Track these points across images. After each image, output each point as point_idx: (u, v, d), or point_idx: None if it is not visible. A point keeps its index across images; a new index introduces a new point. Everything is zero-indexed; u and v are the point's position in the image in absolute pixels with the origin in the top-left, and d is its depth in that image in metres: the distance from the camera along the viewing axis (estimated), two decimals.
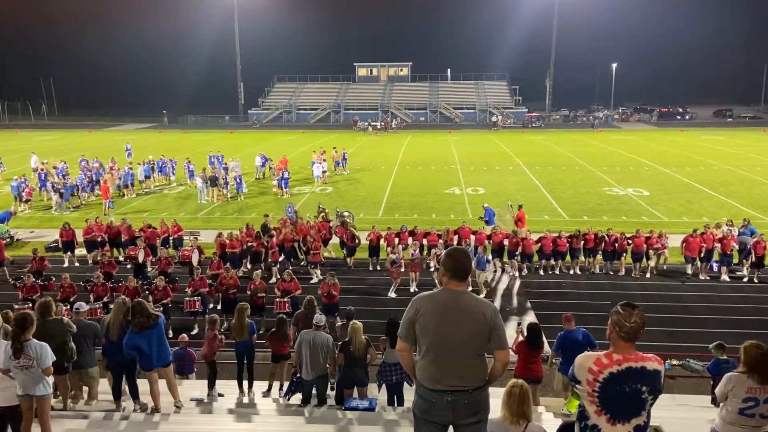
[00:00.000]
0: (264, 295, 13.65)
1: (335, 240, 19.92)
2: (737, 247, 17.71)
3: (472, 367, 4.11)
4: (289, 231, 18.35)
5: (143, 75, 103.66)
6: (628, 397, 3.63)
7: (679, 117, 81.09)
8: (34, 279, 14.36)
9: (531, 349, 9.15)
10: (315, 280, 17.07)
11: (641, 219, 23.96)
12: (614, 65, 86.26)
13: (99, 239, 19.03)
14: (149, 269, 16.84)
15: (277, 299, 13.46)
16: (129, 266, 17.23)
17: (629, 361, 3.63)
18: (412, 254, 16.85)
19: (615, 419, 3.67)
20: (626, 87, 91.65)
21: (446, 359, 4.08)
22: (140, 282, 14.70)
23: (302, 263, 18.31)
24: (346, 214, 21.99)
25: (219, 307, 14.51)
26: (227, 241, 17.48)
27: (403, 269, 16.75)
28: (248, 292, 13.66)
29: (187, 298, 13.77)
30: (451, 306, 4.09)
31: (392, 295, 16.39)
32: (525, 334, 9.38)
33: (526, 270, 18.05)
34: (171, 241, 19.48)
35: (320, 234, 18.59)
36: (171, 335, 12.18)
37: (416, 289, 16.61)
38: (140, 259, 15.84)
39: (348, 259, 18.77)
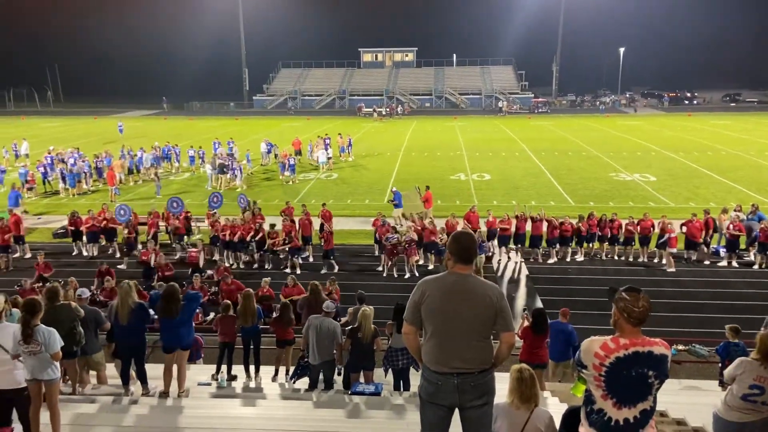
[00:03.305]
0: (271, 303, 13.29)
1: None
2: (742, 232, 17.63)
3: (478, 350, 4.12)
4: (240, 223, 18.11)
5: (148, 62, 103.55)
6: (635, 381, 3.62)
7: (687, 102, 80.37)
8: (40, 284, 14.29)
9: (536, 334, 9.16)
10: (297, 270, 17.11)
11: (648, 204, 23.83)
12: (622, 49, 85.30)
13: (102, 226, 19.06)
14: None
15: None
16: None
17: (636, 345, 3.62)
18: (407, 239, 16.84)
19: (621, 403, 3.67)
20: (634, 72, 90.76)
21: (452, 342, 4.09)
22: (146, 283, 14.51)
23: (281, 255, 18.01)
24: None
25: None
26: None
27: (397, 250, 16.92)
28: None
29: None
30: (457, 289, 4.09)
31: (378, 268, 17.24)
32: (530, 319, 9.38)
33: (517, 255, 18.01)
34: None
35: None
36: None
37: (416, 274, 16.73)
38: (152, 263, 15.86)
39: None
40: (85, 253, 19.16)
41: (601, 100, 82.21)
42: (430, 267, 17.34)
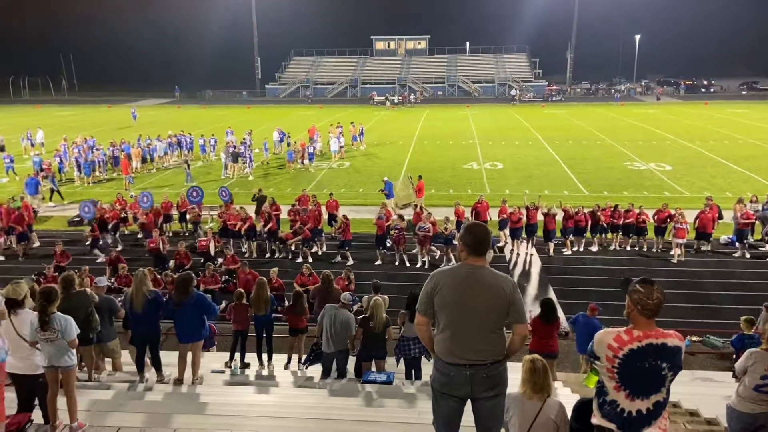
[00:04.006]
0: (280, 292, 13.22)
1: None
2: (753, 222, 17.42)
3: (491, 342, 4.12)
4: (233, 213, 18.15)
5: (161, 51, 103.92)
6: (648, 373, 3.61)
7: (703, 90, 79.25)
8: (56, 273, 14.45)
9: (545, 323, 9.13)
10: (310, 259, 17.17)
11: (663, 194, 23.59)
12: (637, 36, 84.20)
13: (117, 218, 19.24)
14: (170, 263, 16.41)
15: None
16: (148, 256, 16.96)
17: (650, 337, 3.60)
18: (421, 227, 16.77)
19: (634, 395, 3.66)
20: (650, 59, 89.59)
21: (465, 333, 4.09)
22: (160, 271, 14.64)
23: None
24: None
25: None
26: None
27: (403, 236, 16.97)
28: None
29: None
30: (470, 280, 4.09)
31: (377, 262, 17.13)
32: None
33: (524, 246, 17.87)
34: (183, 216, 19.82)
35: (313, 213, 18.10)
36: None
37: (426, 263, 16.74)
38: (162, 249, 15.98)
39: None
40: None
41: (616, 88, 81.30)
42: (378, 262, 17.18)
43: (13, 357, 5.85)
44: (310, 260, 16.92)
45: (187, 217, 19.72)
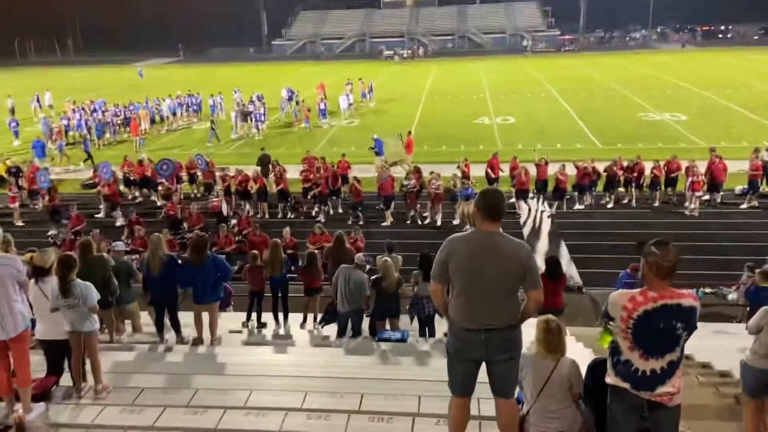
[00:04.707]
0: (294, 251, 13.24)
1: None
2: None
3: (505, 307, 4.14)
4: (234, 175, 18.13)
5: (165, 8, 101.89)
6: (663, 333, 3.63)
7: (720, 36, 76.90)
8: (73, 237, 14.63)
9: (550, 280, 9.11)
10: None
11: (678, 145, 23.23)
12: None
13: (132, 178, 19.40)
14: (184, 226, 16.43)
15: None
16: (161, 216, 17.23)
17: (665, 298, 3.60)
18: (434, 183, 16.71)
19: (648, 355, 3.69)
20: (665, 5, 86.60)
21: (479, 299, 4.10)
22: (175, 236, 14.79)
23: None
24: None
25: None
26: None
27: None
28: None
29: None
30: (485, 246, 4.08)
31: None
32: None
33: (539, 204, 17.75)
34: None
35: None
36: None
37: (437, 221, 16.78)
38: (178, 215, 16.11)
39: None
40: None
41: (631, 36, 79.15)
42: (386, 223, 17.11)
43: (43, 323, 6.01)
44: (323, 219, 16.99)
45: (159, 189, 19.30)
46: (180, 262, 8.44)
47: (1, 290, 5.12)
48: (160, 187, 18.94)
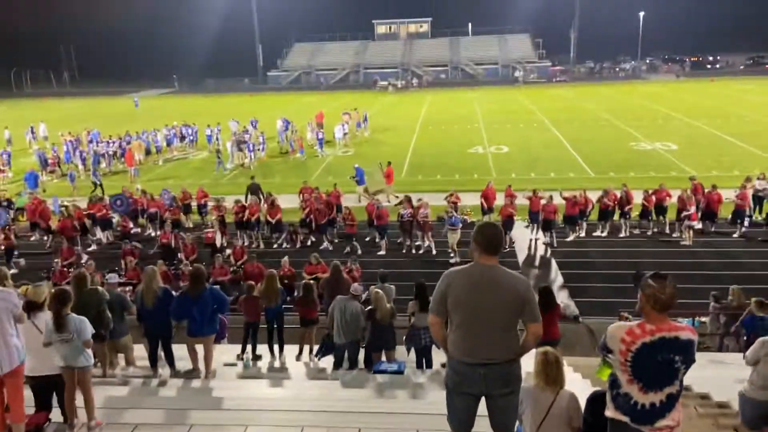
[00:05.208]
0: (291, 281, 13.24)
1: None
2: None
3: (504, 341, 4.13)
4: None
5: (161, 39, 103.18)
6: (661, 366, 3.62)
7: (709, 66, 78.37)
8: (64, 269, 14.54)
9: (544, 311, 9.07)
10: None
11: (670, 174, 23.46)
12: (642, 13, 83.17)
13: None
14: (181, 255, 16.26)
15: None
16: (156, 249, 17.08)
17: (662, 331, 3.61)
18: (421, 212, 16.75)
19: (647, 388, 3.68)
20: (654, 36, 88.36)
21: (478, 333, 4.10)
22: (169, 267, 14.66)
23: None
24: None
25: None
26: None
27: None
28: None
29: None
30: (483, 280, 4.08)
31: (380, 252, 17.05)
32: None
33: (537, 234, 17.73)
34: (197, 208, 19.83)
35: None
36: None
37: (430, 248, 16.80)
38: (172, 244, 16.05)
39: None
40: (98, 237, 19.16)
41: (621, 67, 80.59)
42: (382, 252, 17.04)
43: (33, 358, 5.91)
44: (330, 248, 17.08)
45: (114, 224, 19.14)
46: (176, 293, 8.39)
47: None
48: (167, 214, 18.78)
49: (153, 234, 18.77)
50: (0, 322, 5.09)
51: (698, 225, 17.07)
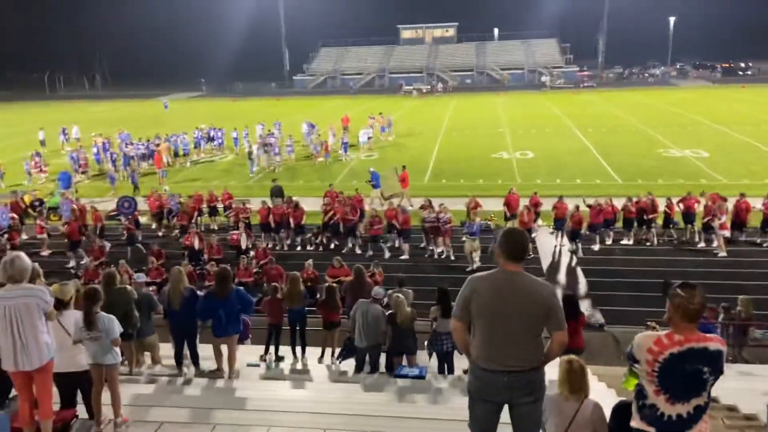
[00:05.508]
0: (314, 284, 13.16)
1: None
2: None
3: (529, 348, 4.10)
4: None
5: (189, 44, 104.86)
6: (689, 377, 3.56)
7: (740, 72, 76.79)
8: (95, 267, 14.81)
9: (568, 320, 8.97)
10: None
11: (699, 182, 23.00)
12: (672, 18, 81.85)
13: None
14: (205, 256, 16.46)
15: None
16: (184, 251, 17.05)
17: (691, 341, 3.55)
18: (441, 217, 16.68)
19: (674, 399, 3.62)
20: (684, 41, 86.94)
21: (502, 340, 4.07)
22: (195, 267, 14.89)
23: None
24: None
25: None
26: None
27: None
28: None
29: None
30: (508, 287, 4.06)
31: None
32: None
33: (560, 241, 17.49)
34: (222, 210, 20.10)
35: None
36: None
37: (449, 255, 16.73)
38: (196, 246, 16.26)
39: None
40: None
41: (650, 72, 79.43)
42: (405, 256, 16.95)
43: (58, 355, 6.03)
44: (358, 251, 17.25)
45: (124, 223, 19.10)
46: (201, 293, 8.51)
47: (28, 321, 5.19)
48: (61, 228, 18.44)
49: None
50: (31, 319, 5.20)
51: (727, 234, 16.74)
